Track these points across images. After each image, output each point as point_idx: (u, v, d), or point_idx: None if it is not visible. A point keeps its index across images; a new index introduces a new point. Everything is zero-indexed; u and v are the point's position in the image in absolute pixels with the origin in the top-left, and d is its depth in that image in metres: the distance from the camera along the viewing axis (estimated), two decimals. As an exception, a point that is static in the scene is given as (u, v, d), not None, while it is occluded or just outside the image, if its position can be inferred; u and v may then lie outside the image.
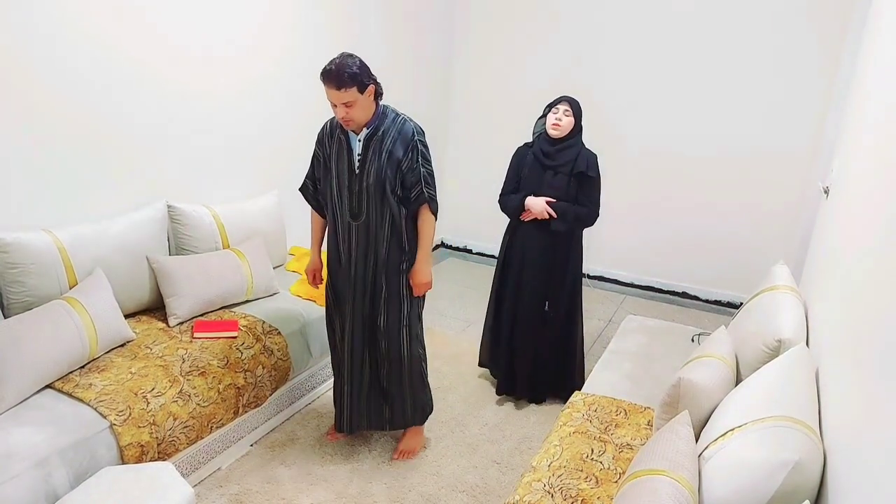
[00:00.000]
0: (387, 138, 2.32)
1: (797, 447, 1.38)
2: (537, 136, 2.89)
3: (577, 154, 2.80)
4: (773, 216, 4.10)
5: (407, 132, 2.34)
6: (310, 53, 3.53)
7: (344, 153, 2.36)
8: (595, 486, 1.84)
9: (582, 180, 2.80)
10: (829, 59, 3.73)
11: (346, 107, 2.22)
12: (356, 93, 2.20)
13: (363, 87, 2.21)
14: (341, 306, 2.51)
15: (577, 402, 2.34)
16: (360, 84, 2.19)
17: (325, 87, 2.21)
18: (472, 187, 5.06)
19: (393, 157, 2.32)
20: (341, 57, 2.22)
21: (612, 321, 4.15)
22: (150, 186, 2.79)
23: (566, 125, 2.76)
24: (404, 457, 2.63)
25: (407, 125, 2.36)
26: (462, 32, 4.82)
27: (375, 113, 2.33)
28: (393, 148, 2.32)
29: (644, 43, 4.21)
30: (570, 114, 2.75)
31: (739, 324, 2.33)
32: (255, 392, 2.52)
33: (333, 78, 2.17)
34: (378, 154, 2.32)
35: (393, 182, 2.34)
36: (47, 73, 2.33)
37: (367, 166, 2.33)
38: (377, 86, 2.29)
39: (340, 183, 2.38)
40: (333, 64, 2.20)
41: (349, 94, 2.19)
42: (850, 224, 1.95)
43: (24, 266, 2.21)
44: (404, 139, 2.33)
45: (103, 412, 2.01)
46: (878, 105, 1.94)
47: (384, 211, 2.36)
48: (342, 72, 2.16)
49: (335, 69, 2.17)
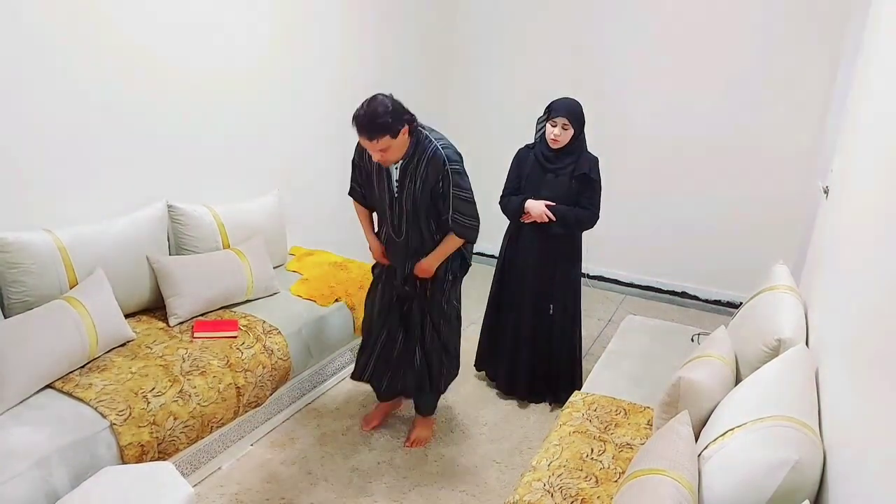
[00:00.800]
0: (421, 165, 2.29)
1: (797, 447, 1.39)
2: (539, 138, 2.88)
3: (578, 157, 2.79)
4: (773, 216, 4.10)
5: (439, 160, 2.28)
6: (310, 53, 3.54)
7: (384, 176, 2.37)
8: (595, 486, 1.84)
9: (583, 182, 2.79)
10: (829, 59, 3.73)
11: (381, 151, 2.18)
12: (389, 139, 2.15)
13: (396, 133, 2.16)
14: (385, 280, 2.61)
15: (577, 401, 2.34)
16: (392, 131, 2.14)
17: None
18: (472, 187, 5.05)
19: (427, 184, 2.31)
20: (371, 104, 2.13)
21: (612, 321, 4.15)
22: (150, 186, 2.80)
23: (565, 139, 2.74)
24: (416, 445, 2.70)
25: (439, 153, 2.29)
26: (462, 32, 4.82)
27: (411, 143, 2.28)
28: (427, 175, 2.29)
29: (644, 43, 4.21)
30: (568, 127, 2.72)
31: (739, 324, 2.33)
32: (255, 392, 2.52)
33: (364, 129, 2.12)
34: (414, 181, 2.32)
35: (429, 207, 2.36)
36: (47, 73, 2.33)
37: (404, 192, 2.34)
38: (411, 123, 2.22)
39: (382, 201, 2.44)
40: (363, 112, 2.12)
41: (382, 142, 2.14)
42: (850, 224, 1.95)
43: (24, 266, 2.22)
44: (436, 167, 2.29)
45: (103, 412, 2.01)
46: (879, 105, 1.94)
47: (421, 233, 2.42)
48: (374, 123, 2.10)
49: (366, 120, 2.11)
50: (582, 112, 2.78)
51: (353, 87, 3.92)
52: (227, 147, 3.17)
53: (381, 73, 4.16)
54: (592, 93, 4.38)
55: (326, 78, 3.69)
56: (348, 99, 3.86)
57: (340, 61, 3.77)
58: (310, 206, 3.78)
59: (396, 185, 2.35)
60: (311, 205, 3.80)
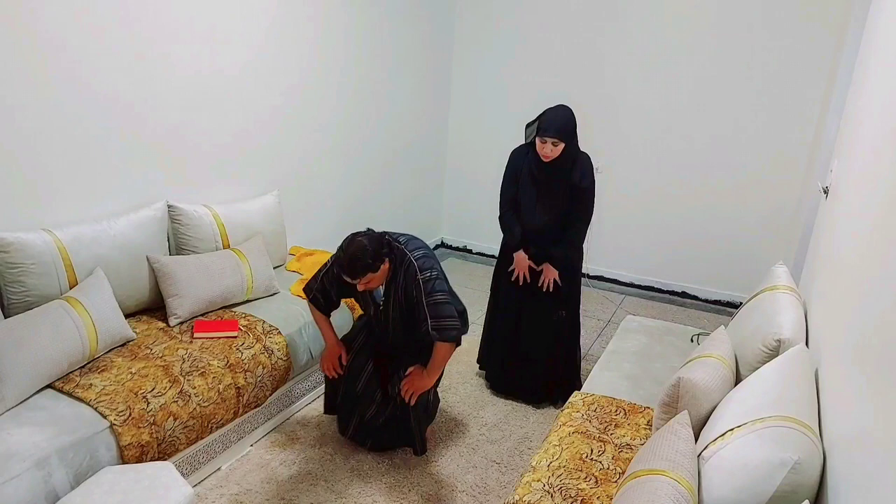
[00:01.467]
0: (399, 277, 2.35)
1: (796, 447, 1.39)
2: (529, 146, 2.81)
3: (571, 166, 2.74)
4: (772, 216, 4.11)
5: (411, 274, 2.33)
6: (310, 53, 3.54)
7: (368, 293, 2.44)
8: (595, 486, 1.85)
9: (574, 192, 2.77)
10: (828, 60, 3.73)
11: (365, 283, 2.27)
12: (371, 275, 2.24)
13: (377, 269, 2.24)
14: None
15: (577, 402, 2.34)
16: (374, 269, 2.23)
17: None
18: (472, 187, 5.06)
19: (408, 296, 2.37)
20: (350, 247, 2.22)
21: (611, 321, 4.15)
22: (151, 186, 2.80)
23: (556, 154, 2.68)
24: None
25: (411, 267, 2.34)
26: (462, 32, 4.82)
27: (391, 266, 2.34)
28: (406, 288, 2.36)
29: (644, 44, 4.21)
30: (558, 143, 2.66)
31: (739, 324, 2.33)
32: (255, 392, 2.52)
33: (347, 272, 2.22)
34: (397, 291, 2.37)
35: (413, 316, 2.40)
36: (47, 73, 2.33)
37: (390, 307, 2.41)
38: (391, 257, 2.31)
39: (366, 309, 2.53)
40: (344, 256, 2.22)
41: (365, 279, 2.24)
42: (849, 224, 1.95)
43: (24, 266, 2.22)
44: (410, 279, 2.34)
45: (103, 412, 2.01)
46: (877, 105, 1.95)
47: (407, 339, 2.48)
48: (355, 266, 2.19)
49: (348, 263, 2.20)
50: (573, 124, 2.70)
51: (354, 87, 3.94)
52: (227, 147, 3.17)
53: (383, 72, 4.16)
54: (592, 92, 4.40)
55: (327, 78, 3.69)
56: (349, 99, 3.90)
57: (341, 61, 3.77)
58: (310, 206, 3.78)
59: (382, 301, 2.43)
60: (311, 205, 3.80)
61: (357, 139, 4.06)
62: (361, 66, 3.95)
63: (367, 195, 4.27)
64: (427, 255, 2.39)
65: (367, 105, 4.09)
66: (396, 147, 4.49)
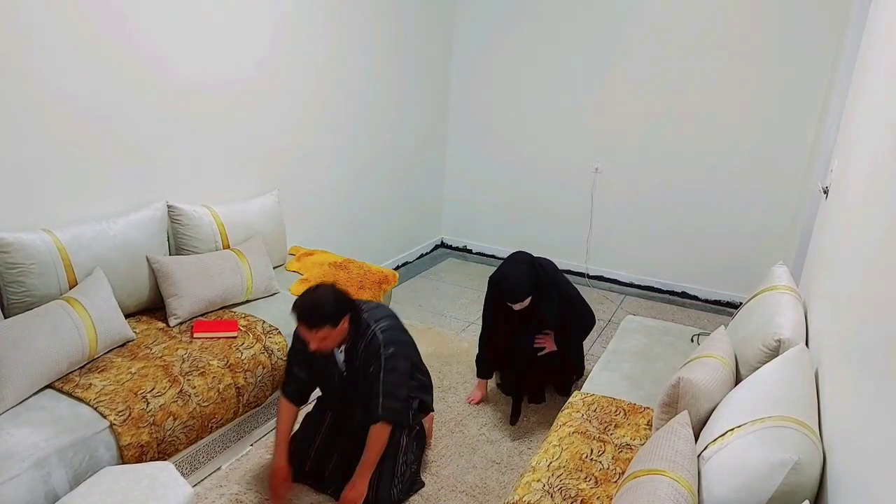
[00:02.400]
0: (360, 349, 2.22)
1: (796, 447, 1.39)
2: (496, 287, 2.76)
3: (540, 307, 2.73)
4: (772, 216, 4.11)
5: (374, 347, 2.19)
6: (311, 54, 3.54)
7: (331, 360, 2.28)
8: (594, 487, 1.85)
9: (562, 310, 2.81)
10: (827, 59, 3.73)
11: (320, 340, 2.07)
12: (329, 329, 2.05)
13: (337, 323, 2.07)
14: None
15: (577, 402, 2.34)
16: (333, 322, 2.05)
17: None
18: (472, 187, 5.06)
19: (364, 367, 2.23)
20: (313, 295, 2.06)
21: (611, 321, 4.15)
22: (150, 186, 2.80)
23: (524, 306, 2.67)
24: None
25: (375, 339, 2.19)
26: (462, 32, 4.82)
27: (350, 330, 2.18)
28: (366, 359, 2.21)
29: (643, 45, 4.21)
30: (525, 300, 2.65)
31: (739, 324, 2.33)
32: (255, 392, 2.52)
33: (304, 319, 2.02)
34: (357, 363, 2.24)
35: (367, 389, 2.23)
36: (47, 73, 2.33)
37: (352, 375, 2.26)
38: (353, 314, 2.15)
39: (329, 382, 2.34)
40: (305, 302, 2.04)
41: (322, 333, 2.05)
42: (849, 224, 1.95)
43: (24, 266, 2.22)
44: (372, 353, 2.20)
45: (103, 412, 2.01)
46: (877, 104, 1.94)
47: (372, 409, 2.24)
48: (314, 314, 2.02)
49: (306, 310, 2.02)
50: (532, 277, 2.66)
51: (355, 88, 3.94)
52: (227, 147, 3.17)
53: (382, 73, 4.16)
54: (592, 92, 4.40)
55: (327, 79, 3.69)
56: (349, 99, 3.90)
57: (341, 62, 3.77)
58: (310, 206, 3.78)
59: (344, 367, 2.27)
60: (311, 205, 3.80)
61: (357, 139, 4.06)
62: (361, 66, 3.95)
63: (367, 195, 4.27)
64: (392, 325, 2.25)
65: (368, 105, 4.09)
66: (396, 147, 4.49)
